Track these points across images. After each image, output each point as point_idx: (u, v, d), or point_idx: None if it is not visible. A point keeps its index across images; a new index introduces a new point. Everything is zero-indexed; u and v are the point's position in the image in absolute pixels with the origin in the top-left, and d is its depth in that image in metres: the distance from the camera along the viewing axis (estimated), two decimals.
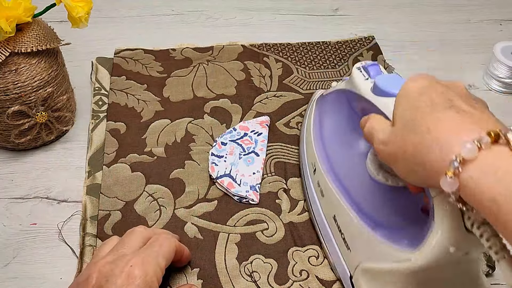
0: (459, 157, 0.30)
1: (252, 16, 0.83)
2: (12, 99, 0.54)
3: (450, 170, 0.30)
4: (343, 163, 0.51)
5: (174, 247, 0.45)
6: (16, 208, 0.55)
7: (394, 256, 0.40)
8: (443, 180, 0.31)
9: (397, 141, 0.35)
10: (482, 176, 0.29)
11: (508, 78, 0.70)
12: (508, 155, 0.29)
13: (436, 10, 0.86)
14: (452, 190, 0.31)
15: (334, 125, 0.54)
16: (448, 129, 0.32)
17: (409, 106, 0.35)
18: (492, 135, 0.30)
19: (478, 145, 0.30)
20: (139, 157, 0.59)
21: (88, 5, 0.55)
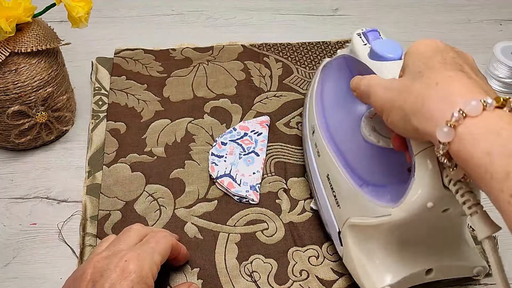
0: (462, 111, 0.31)
1: (252, 16, 0.83)
2: (12, 99, 0.54)
3: (451, 121, 0.32)
4: (339, 125, 0.53)
5: (170, 245, 0.45)
6: (16, 208, 0.55)
7: (377, 211, 0.42)
8: (440, 130, 0.32)
9: (400, 87, 0.36)
10: (480, 131, 0.31)
11: (508, 78, 0.70)
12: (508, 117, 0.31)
13: (436, 10, 0.86)
14: (445, 141, 0.32)
15: (334, 89, 0.56)
16: (457, 86, 0.33)
17: (421, 61, 0.36)
18: (501, 100, 0.32)
19: (483, 105, 0.31)
20: (139, 157, 0.59)
21: (88, 5, 0.55)
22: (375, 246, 0.44)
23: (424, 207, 0.38)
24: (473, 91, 0.33)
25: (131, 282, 0.39)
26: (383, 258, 0.44)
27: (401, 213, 0.40)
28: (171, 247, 0.45)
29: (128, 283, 0.39)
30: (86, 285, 0.39)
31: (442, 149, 0.33)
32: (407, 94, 0.36)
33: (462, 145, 0.31)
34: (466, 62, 0.37)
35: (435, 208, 0.38)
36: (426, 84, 0.34)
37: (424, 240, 0.44)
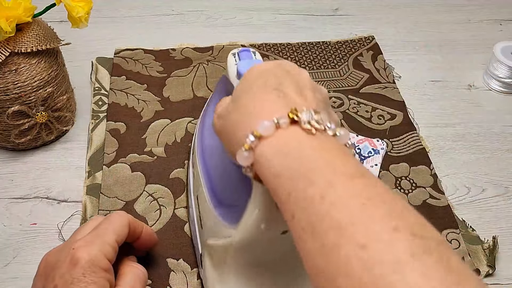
0: (256, 133, 0.31)
1: (252, 16, 0.83)
2: (12, 99, 0.54)
3: (246, 144, 0.31)
4: (211, 147, 0.52)
5: (126, 222, 0.44)
6: (16, 208, 0.55)
7: (224, 232, 0.42)
8: (239, 154, 0.32)
9: (226, 115, 0.36)
10: (271, 152, 0.30)
11: (508, 78, 0.70)
12: (300, 136, 0.30)
13: (436, 10, 0.86)
14: (245, 164, 0.32)
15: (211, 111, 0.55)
16: (261, 108, 0.33)
17: (245, 85, 0.36)
18: (290, 116, 0.31)
19: (276, 124, 0.31)
20: (139, 157, 0.59)
21: (88, 5, 0.55)
22: (226, 269, 0.43)
23: (258, 229, 0.37)
24: (275, 110, 0.32)
25: (81, 268, 0.38)
26: (234, 282, 0.42)
27: (239, 234, 0.39)
28: (127, 225, 0.44)
29: (78, 270, 0.38)
30: (39, 279, 0.40)
31: (248, 172, 0.33)
32: (227, 121, 0.35)
33: (259, 167, 0.31)
34: (293, 80, 0.35)
35: (271, 230, 0.37)
36: (239, 109, 0.34)
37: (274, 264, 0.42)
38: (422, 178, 0.59)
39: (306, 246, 0.27)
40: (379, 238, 0.25)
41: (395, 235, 0.25)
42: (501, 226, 0.56)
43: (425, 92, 0.71)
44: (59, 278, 0.38)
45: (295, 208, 0.28)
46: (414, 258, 0.24)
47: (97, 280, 0.38)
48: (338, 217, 0.26)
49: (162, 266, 0.50)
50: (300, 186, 0.28)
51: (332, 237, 0.26)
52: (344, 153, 0.30)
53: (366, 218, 0.26)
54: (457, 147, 0.64)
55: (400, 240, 0.25)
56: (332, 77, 0.71)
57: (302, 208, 0.28)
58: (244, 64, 0.44)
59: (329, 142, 0.31)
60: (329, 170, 0.28)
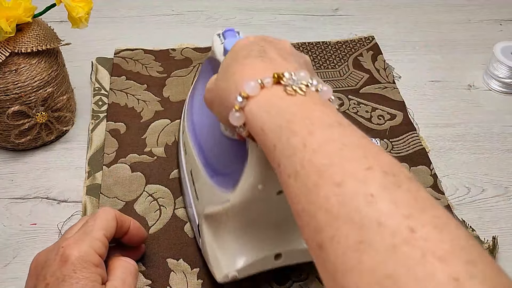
0: (243, 93, 0.33)
1: (252, 16, 0.83)
2: (12, 99, 0.54)
3: (236, 105, 0.34)
4: (202, 123, 0.54)
5: (113, 216, 0.44)
6: (16, 208, 0.55)
7: (221, 198, 0.44)
8: (231, 115, 0.34)
9: (214, 87, 0.39)
10: (258, 110, 0.33)
11: (508, 78, 0.70)
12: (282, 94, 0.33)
13: (436, 10, 0.86)
14: (237, 124, 0.34)
15: (199, 91, 0.57)
16: (248, 72, 0.35)
17: (230, 57, 0.38)
18: (276, 76, 0.33)
19: (261, 84, 0.33)
20: (139, 157, 0.59)
21: (88, 5, 0.55)
22: (225, 234, 0.45)
23: (255, 190, 0.39)
24: (259, 72, 0.34)
25: (71, 265, 0.38)
26: (232, 245, 0.45)
27: (237, 198, 0.41)
28: (114, 219, 0.44)
29: (68, 266, 0.38)
30: (30, 279, 0.40)
31: (243, 132, 0.35)
32: (217, 91, 0.38)
33: (249, 125, 0.34)
34: (277, 47, 0.38)
35: (268, 190, 0.39)
36: (227, 78, 0.36)
37: (271, 224, 0.44)
38: (422, 178, 0.59)
39: (291, 190, 0.30)
40: (353, 176, 0.28)
41: (368, 172, 0.28)
42: (501, 226, 0.56)
43: (425, 92, 0.71)
44: (50, 277, 0.38)
45: (280, 157, 0.31)
46: (385, 191, 0.27)
47: (88, 276, 0.38)
48: (318, 161, 0.29)
49: (162, 266, 0.50)
50: (284, 137, 0.31)
51: (312, 179, 0.29)
52: (323, 105, 0.33)
53: (342, 160, 0.29)
54: (457, 147, 0.64)
55: (373, 177, 0.27)
56: (332, 77, 0.71)
57: (287, 156, 0.30)
58: (230, 42, 0.46)
59: (310, 97, 0.33)
60: (309, 121, 0.31)
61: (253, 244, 0.44)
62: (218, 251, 0.45)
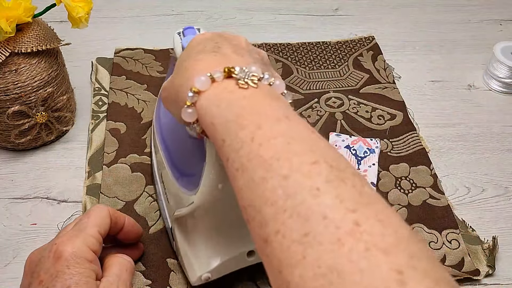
0: (194, 89, 0.33)
1: (252, 16, 0.83)
2: (12, 99, 0.54)
3: (188, 101, 0.33)
4: (168, 124, 0.54)
5: (106, 213, 0.44)
6: (16, 208, 0.55)
7: (188, 200, 0.44)
8: (183, 112, 0.34)
9: (169, 85, 0.38)
10: (208, 104, 0.33)
11: (508, 78, 0.70)
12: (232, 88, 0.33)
13: (436, 10, 0.86)
14: (190, 120, 0.34)
15: None
16: (199, 67, 0.34)
17: (186, 53, 0.38)
18: (226, 70, 0.33)
19: (211, 78, 0.33)
20: (139, 157, 0.59)
21: (88, 5, 0.55)
22: (195, 236, 0.45)
23: (216, 189, 0.39)
24: (211, 66, 0.34)
25: (65, 261, 0.38)
26: (203, 247, 0.45)
27: (200, 199, 0.41)
28: (108, 216, 0.44)
29: (62, 262, 0.38)
30: (25, 278, 0.40)
31: (196, 129, 0.34)
32: (171, 89, 0.37)
33: (201, 121, 0.33)
34: (231, 43, 0.38)
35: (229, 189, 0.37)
36: (180, 74, 0.36)
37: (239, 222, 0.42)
38: (422, 178, 0.59)
39: (239, 183, 0.30)
40: (299, 169, 0.28)
41: (314, 166, 0.28)
42: (501, 226, 0.56)
43: (425, 92, 0.71)
44: (44, 273, 0.38)
45: (229, 151, 0.31)
46: (330, 184, 0.27)
47: (81, 271, 0.38)
48: (265, 154, 0.29)
49: (162, 266, 0.50)
50: (232, 131, 0.31)
51: (259, 173, 0.29)
52: (273, 99, 0.32)
53: (289, 154, 0.29)
54: (457, 147, 0.64)
55: (319, 171, 0.28)
56: (332, 77, 0.71)
57: (235, 150, 0.30)
58: (188, 39, 0.46)
59: (261, 91, 0.33)
60: (258, 115, 0.31)
61: (224, 244, 0.44)
62: (190, 253, 0.45)
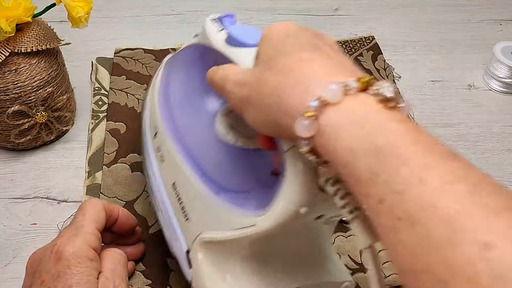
0: (321, 99, 0.26)
1: (252, 16, 0.83)
2: (12, 99, 0.54)
3: (309, 112, 0.27)
4: (189, 124, 0.46)
5: (101, 208, 0.43)
6: (16, 208, 0.55)
7: (238, 222, 0.36)
8: (299, 123, 0.27)
9: (254, 82, 0.31)
10: (342, 122, 0.26)
11: (508, 78, 0.70)
12: (374, 106, 0.26)
13: (436, 10, 0.86)
14: (307, 135, 0.27)
15: (183, 85, 0.49)
16: (313, 70, 0.29)
17: (273, 46, 0.31)
18: (362, 82, 0.27)
19: (344, 89, 0.27)
20: (139, 157, 0.59)
21: (88, 5, 0.55)
22: (235, 264, 0.38)
23: (296, 214, 0.32)
24: (333, 72, 0.28)
25: (66, 261, 0.38)
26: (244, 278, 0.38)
27: (268, 222, 0.33)
28: (103, 210, 0.43)
29: (63, 262, 0.38)
30: (27, 278, 0.40)
31: (305, 146, 0.28)
32: (261, 88, 0.31)
33: (325, 139, 0.27)
34: (325, 42, 0.32)
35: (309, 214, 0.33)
36: (279, 73, 0.30)
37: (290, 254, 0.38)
38: None
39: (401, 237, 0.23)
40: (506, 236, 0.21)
41: None
42: None
43: (425, 92, 0.71)
44: (46, 274, 0.38)
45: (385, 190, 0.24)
46: None
47: (82, 270, 0.38)
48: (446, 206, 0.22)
49: (162, 266, 0.50)
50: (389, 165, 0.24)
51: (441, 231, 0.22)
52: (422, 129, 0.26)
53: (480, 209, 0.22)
54: (457, 147, 0.64)
55: None
56: None
57: (396, 192, 0.23)
58: (238, 29, 0.40)
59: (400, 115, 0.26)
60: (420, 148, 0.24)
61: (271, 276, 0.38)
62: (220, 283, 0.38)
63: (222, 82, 0.35)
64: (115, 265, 0.42)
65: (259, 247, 0.37)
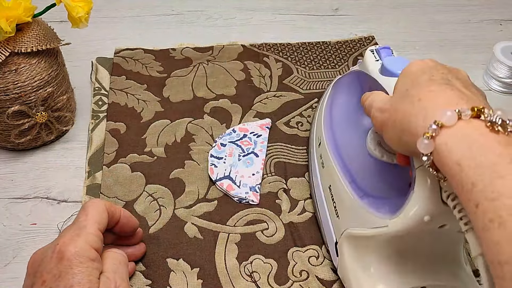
0: (438, 122, 0.32)
1: (252, 16, 0.83)
2: (12, 99, 0.54)
3: (428, 132, 0.33)
4: (346, 139, 0.54)
5: (103, 208, 0.44)
6: (16, 208, 0.55)
7: (375, 222, 0.43)
8: (420, 142, 0.33)
9: (391, 109, 0.38)
10: (454, 141, 0.32)
11: (508, 78, 0.70)
12: (483, 130, 0.31)
13: (436, 10, 0.86)
14: (426, 152, 0.33)
15: (344, 104, 0.57)
16: (437, 100, 0.34)
17: (409, 80, 0.38)
18: (475, 110, 0.32)
19: (458, 115, 0.32)
20: (139, 157, 0.59)
21: (88, 5, 0.55)
22: (371, 258, 0.45)
23: (421, 221, 0.38)
24: (453, 102, 0.34)
25: (67, 261, 0.38)
26: (378, 270, 0.45)
27: (398, 225, 0.40)
28: (105, 211, 0.44)
29: (64, 262, 0.38)
30: (28, 278, 0.40)
31: (426, 160, 0.34)
32: (395, 114, 0.37)
33: (439, 156, 0.33)
34: (457, 77, 0.37)
35: (432, 222, 0.39)
36: (410, 102, 0.36)
37: (420, 256, 0.44)
38: None
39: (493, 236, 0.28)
40: None
41: None
42: None
43: None
44: (47, 274, 0.38)
45: (480, 198, 0.29)
46: None
47: (84, 270, 0.39)
48: None
49: (162, 266, 0.50)
50: (487, 178, 0.29)
51: None
52: None
53: None
54: None
55: None
56: (332, 77, 0.71)
57: (489, 199, 0.29)
58: (391, 60, 0.48)
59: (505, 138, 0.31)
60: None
61: (401, 274, 0.44)
62: (362, 275, 0.45)
63: (369, 107, 0.42)
64: (116, 266, 0.42)
65: (392, 244, 0.43)
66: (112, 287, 0.40)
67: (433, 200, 0.37)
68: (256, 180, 0.57)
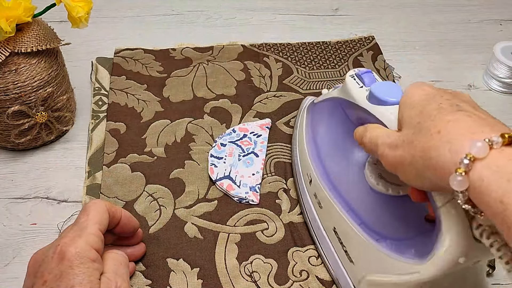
0: (469, 155, 0.30)
1: (252, 16, 0.83)
2: (12, 99, 0.54)
3: (461, 168, 0.30)
4: (340, 173, 0.50)
5: (104, 209, 0.44)
6: (16, 208, 0.55)
7: (401, 268, 0.39)
8: (453, 179, 0.30)
9: (405, 145, 0.35)
10: (491, 175, 0.29)
11: (508, 78, 0.70)
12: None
13: (436, 10, 0.86)
14: (461, 189, 0.30)
15: (328, 134, 0.53)
16: (458, 129, 0.32)
17: (416, 111, 0.36)
18: (506, 137, 0.30)
19: (489, 145, 0.30)
20: (139, 157, 0.59)
21: (88, 5, 0.55)
22: None
23: (456, 263, 0.36)
24: (477, 130, 0.31)
25: (68, 261, 0.39)
26: None
27: (431, 271, 0.37)
28: (106, 211, 0.44)
29: (65, 263, 0.39)
30: (28, 278, 0.40)
31: (462, 198, 0.31)
32: (413, 150, 0.35)
33: (476, 193, 0.30)
34: (463, 100, 0.36)
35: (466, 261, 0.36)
36: (428, 135, 0.33)
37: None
38: None
39: None
40: None
41: None
42: None
43: None
44: (48, 274, 0.39)
45: None
46: None
47: (85, 271, 0.39)
48: None
49: (162, 266, 0.50)
50: None
51: None
52: None
53: None
54: None
55: None
56: (332, 77, 0.71)
57: None
58: (379, 87, 0.43)
59: None
60: None
61: None
62: None
63: (374, 145, 0.39)
64: (116, 266, 0.42)
65: None
66: (112, 287, 0.40)
67: (466, 240, 0.35)
68: (256, 180, 0.57)
